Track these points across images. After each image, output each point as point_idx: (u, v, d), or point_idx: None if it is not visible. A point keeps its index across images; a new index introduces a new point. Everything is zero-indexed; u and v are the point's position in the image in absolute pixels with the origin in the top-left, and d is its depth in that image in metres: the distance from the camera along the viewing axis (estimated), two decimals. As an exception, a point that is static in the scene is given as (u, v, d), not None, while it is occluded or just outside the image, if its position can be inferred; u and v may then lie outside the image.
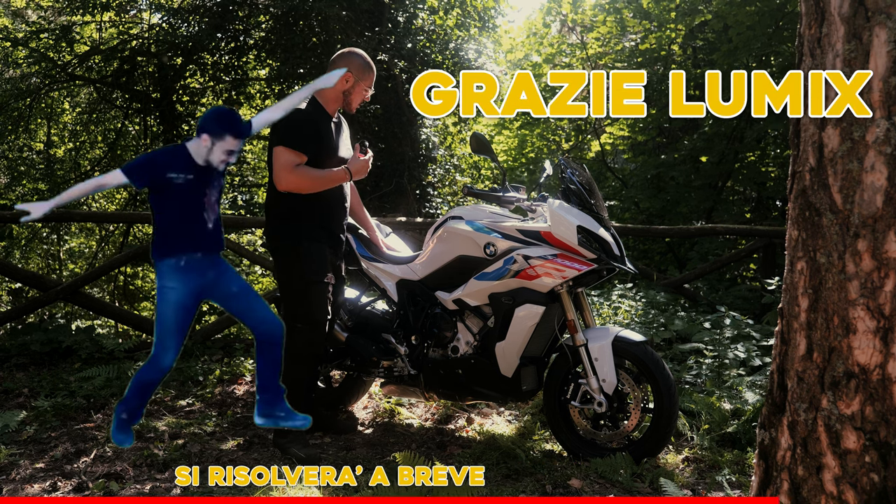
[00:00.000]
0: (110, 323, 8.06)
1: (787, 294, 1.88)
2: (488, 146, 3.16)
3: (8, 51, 9.15)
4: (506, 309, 3.07)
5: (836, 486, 1.71)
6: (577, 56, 11.13)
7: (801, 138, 1.84)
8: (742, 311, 5.58)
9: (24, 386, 4.22)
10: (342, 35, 7.23)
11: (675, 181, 9.43)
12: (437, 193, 8.25)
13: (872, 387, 1.66)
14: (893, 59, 1.64)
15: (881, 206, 1.65)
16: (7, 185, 9.49)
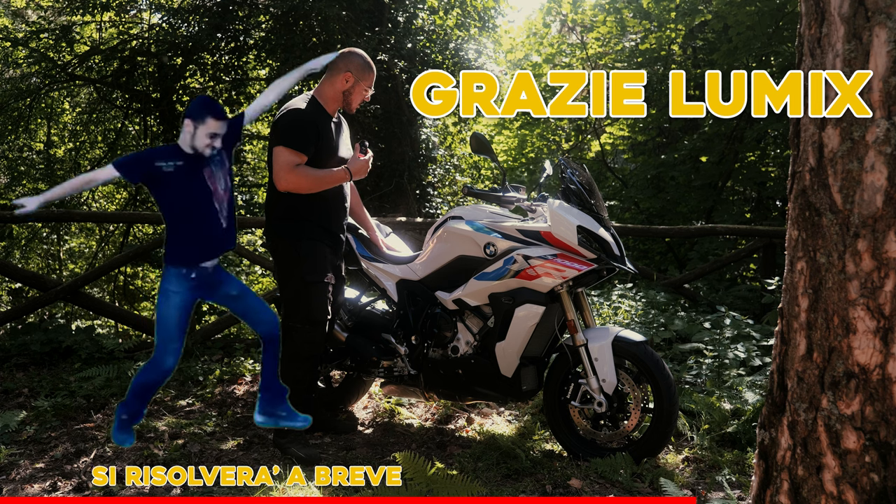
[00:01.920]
0: (110, 323, 8.07)
1: (787, 294, 1.88)
2: (488, 146, 3.16)
3: (8, 51, 9.16)
4: (506, 309, 3.07)
5: (836, 486, 1.71)
6: (577, 56, 11.12)
7: (801, 138, 1.84)
8: (742, 311, 5.58)
9: (24, 386, 4.22)
10: (342, 35, 7.23)
11: (675, 181, 9.43)
12: (437, 193, 8.25)
13: (872, 387, 1.66)
14: (893, 59, 1.64)
15: (881, 206, 1.65)
16: (7, 185, 9.49)
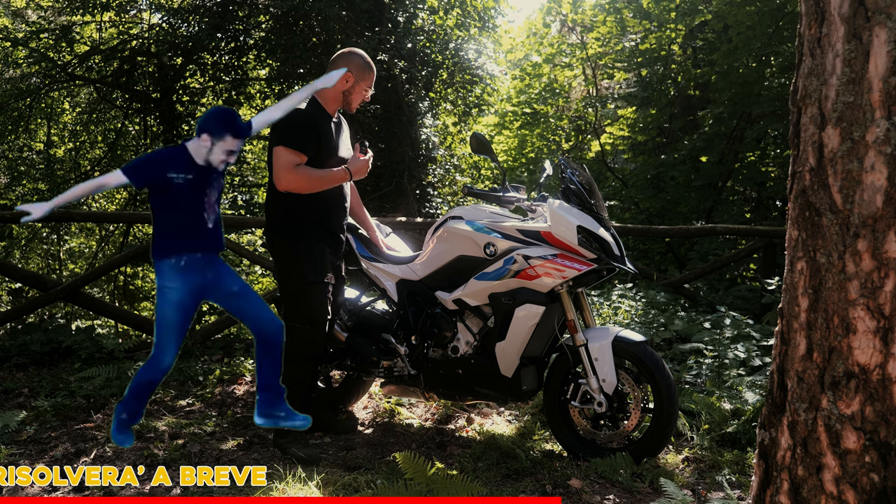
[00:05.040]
0: (110, 323, 8.07)
1: (787, 294, 1.87)
2: (488, 146, 3.16)
3: (8, 51, 9.15)
4: (506, 309, 3.07)
5: (836, 486, 1.71)
6: (577, 56, 11.12)
7: (801, 138, 1.84)
8: (742, 311, 5.58)
9: (24, 386, 4.22)
10: (342, 35, 7.23)
11: (675, 181, 9.43)
12: (437, 193, 8.24)
13: (872, 387, 1.66)
14: (893, 59, 1.64)
15: (881, 206, 1.65)
16: (7, 185, 9.49)
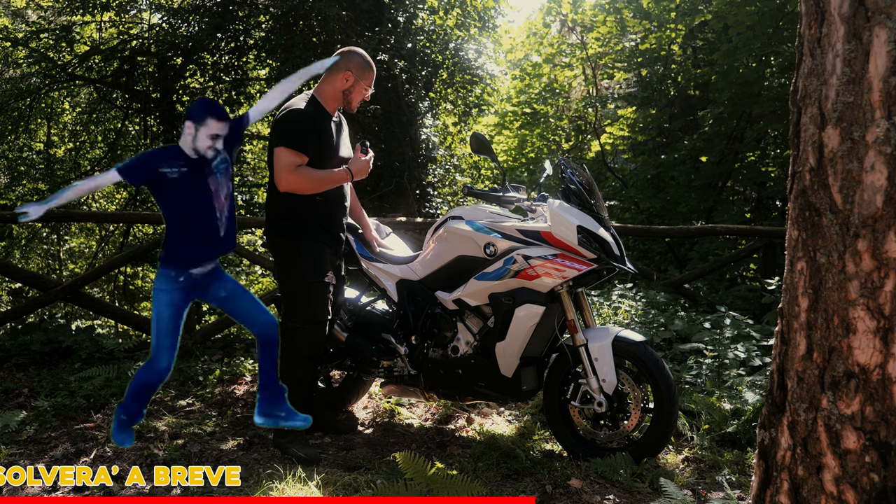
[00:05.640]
0: (110, 323, 8.07)
1: (787, 294, 1.87)
2: (488, 146, 3.16)
3: (8, 51, 9.15)
4: (506, 309, 3.07)
5: (836, 486, 1.71)
6: (577, 56, 11.12)
7: (801, 138, 1.84)
8: (742, 311, 5.58)
9: (24, 386, 4.22)
10: (342, 35, 7.23)
11: (675, 181, 9.42)
12: (437, 193, 8.24)
13: (872, 387, 1.66)
14: (893, 59, 1.64)
15: (881, 206, 1.65)
16: (7, 185, 9.48)
